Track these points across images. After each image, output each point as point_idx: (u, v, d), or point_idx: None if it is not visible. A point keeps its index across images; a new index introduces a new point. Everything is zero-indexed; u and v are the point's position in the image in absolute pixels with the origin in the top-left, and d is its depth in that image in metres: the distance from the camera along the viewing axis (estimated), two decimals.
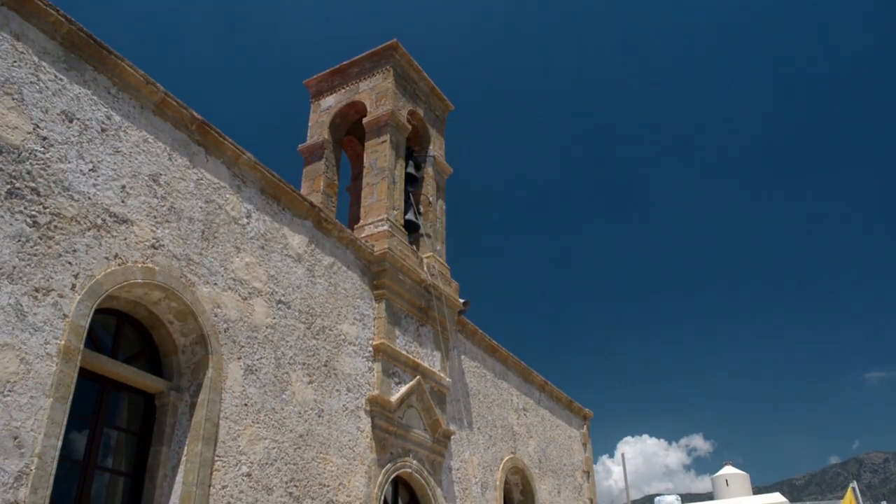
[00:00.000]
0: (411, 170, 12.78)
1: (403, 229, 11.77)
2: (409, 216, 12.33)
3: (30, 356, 5.86)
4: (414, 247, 12.07)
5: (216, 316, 7.82)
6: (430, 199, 12.91)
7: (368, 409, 9.99)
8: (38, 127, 6.37)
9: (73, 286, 6.33)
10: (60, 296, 6.20)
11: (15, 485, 5.53)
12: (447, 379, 11.99)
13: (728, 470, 24.98)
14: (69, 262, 6.35)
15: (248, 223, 8.64)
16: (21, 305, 5.89)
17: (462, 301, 12.82)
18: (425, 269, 11.82)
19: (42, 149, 6.36)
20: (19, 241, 5.98)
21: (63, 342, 6.10)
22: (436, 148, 13.35)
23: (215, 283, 7.93)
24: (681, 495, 26.31)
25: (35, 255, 6.08)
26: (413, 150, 13.21)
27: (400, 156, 12.10)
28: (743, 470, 25.38)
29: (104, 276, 6.60)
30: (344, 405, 9.54)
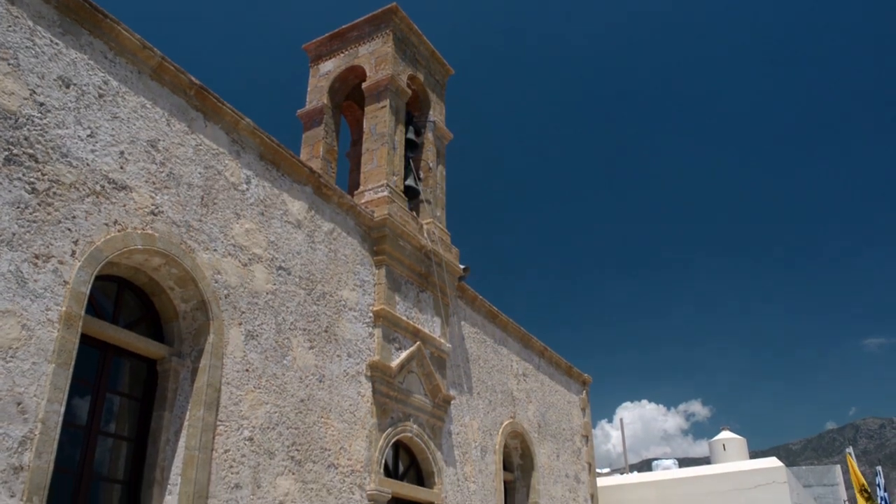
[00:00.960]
0: (411, 135, 12.70)
1: (403, 195, 11.74)
2: (409, 182, 12.29)
3: (31, 322, 5.89)
4: (414, 213, 12.06)
5: (216, 282, 7.84)
6: (431, 164, 12.86)
7: (369, 374, 10.06)
8: (34, 93, 6.32)
9: (73, 253, 6.33)
10: (60, 262, 6.21)
11: (19, 450, 5.59)
12: (447, 344, 12.06)
13: (725, 435, 25.22)
14: (69, 229, 6.34)
15: (247, 189, 8.61)
16: (21, 272, 5.89)
17: (462, 267, 12.84)
18: (425, 235, 11.82)
19: (39, 115, 6.32)
20: (18, 207, 5.97)
21: (64, 308, 6.12)
22: (436, 113, 13.26)
23: (215, 250, 7.93)
24: (678, 459, 26.67)
25: (34, 221, 6.07)
26: (413, 116, 13.12)
27: (400, 121, 12.02)
28: (740, 435, 25.62)
29: (104, 242, 6.60)
30: (345, 370, 9.61)
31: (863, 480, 16.71)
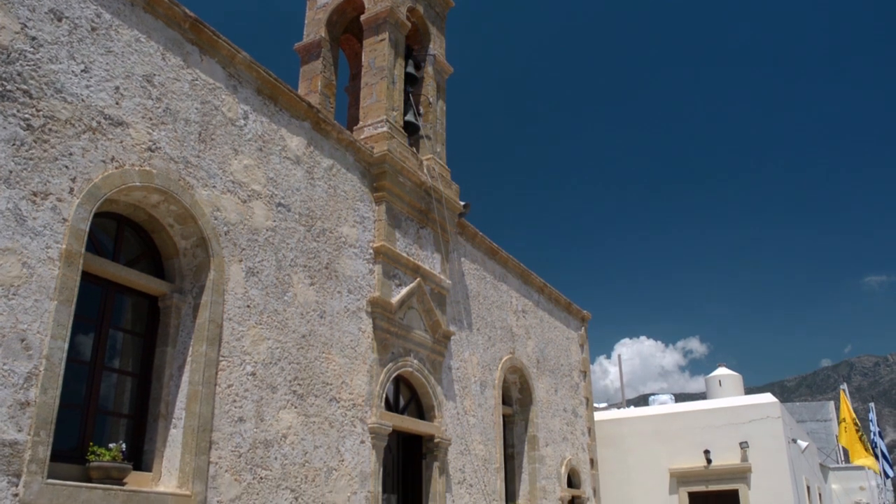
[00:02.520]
0: (411, 69, 12.49)
1: (403, 131, 11.62)
2: (409, 117, 12.14)
3: (32, 260, 5.89)
4: (414, 149, 11.95)
5: (216, 219, 7.82)
6: (430, 99, 12.69)
7: (369, 310, 10.13)
8: (25, 26, 6.18)
9: (71, 190, 6.30)
10: (59, 200, 6.18)
11: (25, 385, 5.67)
12: (447, 281, 12.12)
13: (722, 371, 25.53)
14: (66, 166, 6.29)
15: (245, 125, 8.52)
16: (20, 210, 5.87)
17: (462, 203, 12.80)
18: (425, 171, 11.75)
19: (31, 49, 6.19)
20: (14, 144, 5.90)
21: (64, 246, 6.12)
22: (436, 46, 13.02)
23: (214, 186, 7.89)
24: (675, 395, 27.04)
25: (31, 159, 6.02)
26: (413, 49, 12.88)
27: (399, 55, 11.81)
28: (736, 371, 25.95)
29: (102, 179, 6.56)
30: (345, 306, 9.67)
31: (853, 415, 17.03)
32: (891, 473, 17.21)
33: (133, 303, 7.45)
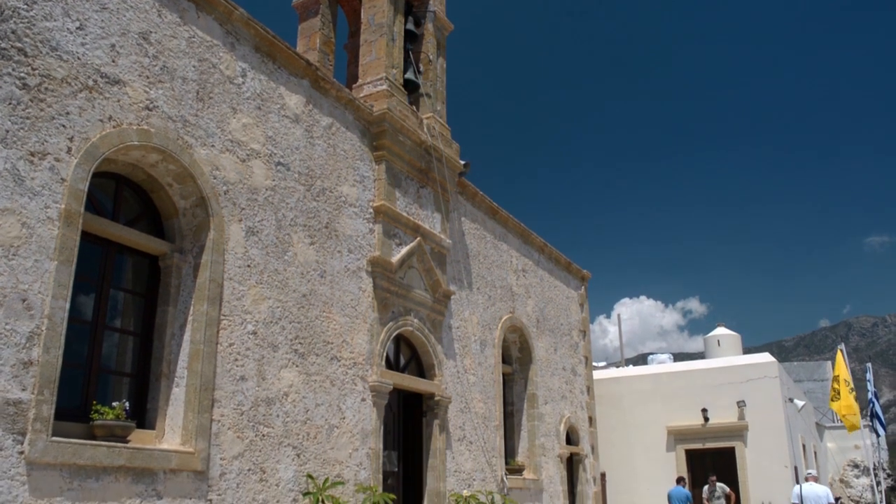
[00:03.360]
0: (411, 26, 12.32)
1: (403, 89, 11.51)
2: (409, 75, 12.01)
3: (31, 220, 5.88)
4: (414, 107, 11.86)
5: (215, 178, 7.79)
6: (430, 57, 12.55)
7: (370, 269, 10.15)
8: None
9: (69, 149, 6.26)
10: (57, 160, 6.15)
11: (27, 345, 5.70)
12: (447, 240, 12.12)
13: (720, 331, 25.66)
14: (63, 126, 6.24)
15: (243, 83, 8.43)
16: (18, 170, 5.84)
17: (462, 163, 12.74)
18: (425, 129, 11.67)
19: (25, 6, 6.10)
20: (10, 104, 5.85)
21: (63, 206, 6.10)
22: (436, 3, 12.82)
23: (212, 145, 7.84)
24: (673, 354, 27.26)
25: (28, 118, 5.97)
26: (412, 6, 12.69)
27: (399, 11, 11.64)
28: (735, 331, 26.09)
29: (99, 138, 6.51)
30: (346, 266, 9.69)
31: (847, 375, 17.15)
32: (881, 432, 17.43)
33: (133, 263, 7.46)
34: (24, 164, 5.89)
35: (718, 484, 17.32)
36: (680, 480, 17.59)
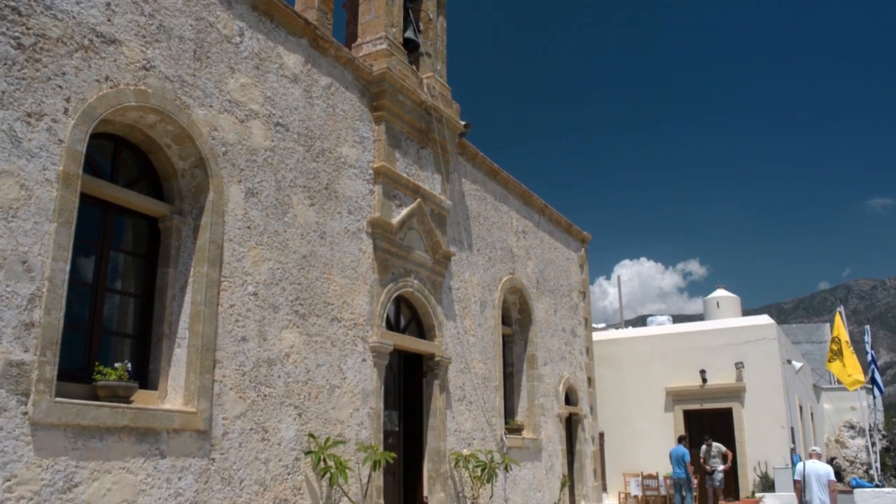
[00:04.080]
0: None
1: (402, 48, 11.38)
2: (409, 34, 11.86)
3: (29, 182, 5.85)
4: (413, 67, 11.73)
5: (214, 139, 7.74)
6: (431, 15, 12.38)
7: (370, 231, 10.14)
8: None
9: (66, 110, 6.20)
10: (54, 121, 6.10)
11: (29, 307, 5.72)
12: (447, 201, 12.09)
13: (720, 293, 25.69)
14: (59, 86, 6.18)
15: (241, 42, 8.33)
16: (15, 131, 5.80)
17: (463, 123, 12.65)
18: (425, 89, 11.56)
19: None
20: (5, 64, 5.77)
21: (61, 168, 6.07)
22: None
23: (211, 106, 7.77)
24: (673, 316, 27.31)
25: (23, 79, 5.90)
26: None
27: None
28: (735, 293, 26.12)
29: (96, 99, 6.45)
30: (346, 227, 9.68)
31: (845, 336, 17.27)
32: (879, 394, 17.61)
33: (133, 224, 7.44)
34: (20, 126, 5.85)
35: (715, 444, 17.55)
36: (682, 440, 17.82)
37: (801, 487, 12.92)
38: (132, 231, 7.46)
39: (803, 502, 12.91)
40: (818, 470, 12.77)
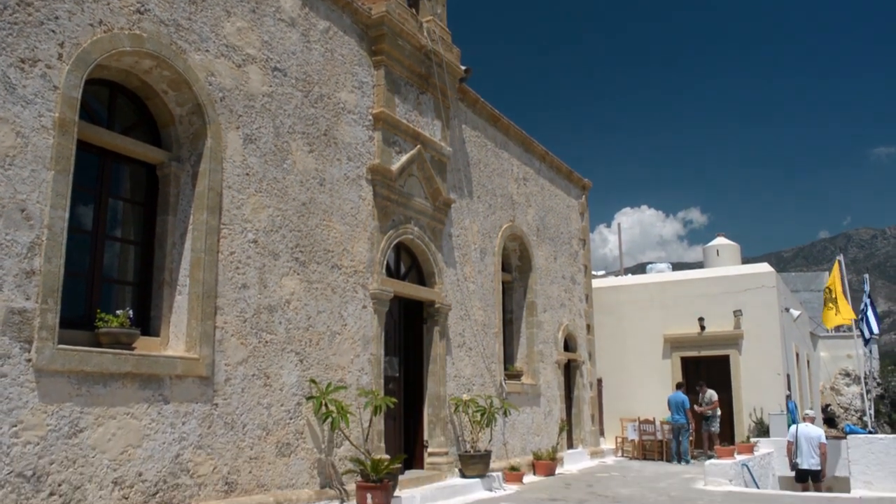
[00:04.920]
0: None
1: None
2: None
3: (25, 129, 5.79)
4: (413, 10, 11.51)
5: (211, 85, 7.64)
6: None
7: (369, 177, 10.09)
8: None
9: (60, 56, 6.10)
10: (48, 66, 6.00)
11: (29, 255, 5.72)
12: (448, 148, 12.00)
13: (720, 241, 25.60)
14: (52, 31, 6.06)
15: None
16: (9, 78, 5.71)
17: (463, 68, 12.48)
18: (425, 34, 11.37)
19: None
20: None
21: (57, 114, 6.00)
22: None
23: (207, 50, 7.65)
24: (672, 264, 27.32)
25: (15, 23, 5.78)
26: None
27: None
28: (735, 242, 26.08)
29: (91, 44, 6.34)
30: (345, 174, 9.62)
31: (839, 287, 17.34)
32: (876, 330, 17.70)
33: (131, 172, 7.40)
34: (14, 72, 5.76)
35: (709, 391, 17.83)
36: (679, 386, 18.02)
37: (792, 449, 13.31)
38: (130, 178, 7.41)
39: (794, 463, 13.31)
40: (809, 433, 13.18)
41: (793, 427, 13.78)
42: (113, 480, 6.18)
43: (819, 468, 13.04)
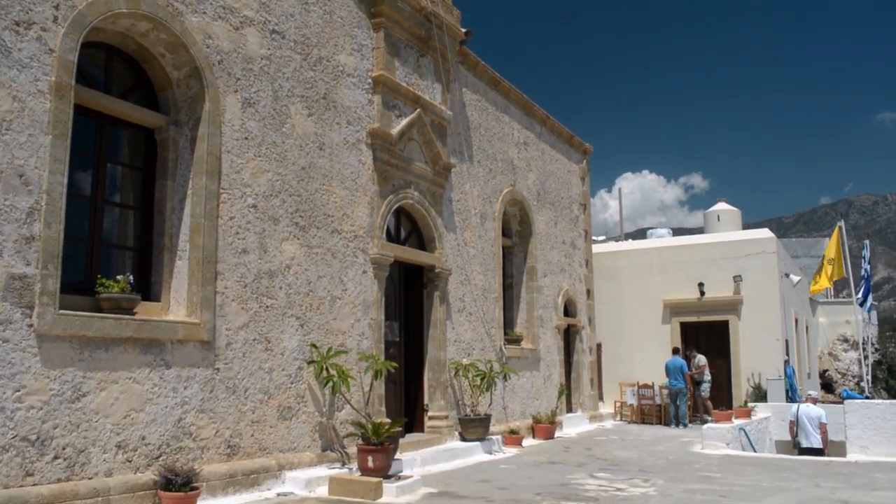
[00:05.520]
0: None
1: None
2: None
3: (21, 94, 5.73)
4: None
5: (208, 47, 7.54)
6: None
7: (369, 141, 10.02)
8: None
9: (55, 18, 6.01)
10: (43, 29, 5.91)
11: (28, 220, 5.70)
12: (448, 112, 11.90)
13: (721, 206, 25.50)
14: None
15: None
16: (4, 41, 5.63)
17: (464, 31, 12.33)
18: None
19: None
20: None
21: (53, 78, 5.93)
22: None
23: (204, 12, 7.54)
24: (673, 229, 27.25)
25: None
26: None
27: None
28: (736, 207, 25.98)
29: (86, 6, 6.24)
30: (345, 138, 9.56)
31: (831, 254, 17.39)
32: (870, 302, 17.81)
33: (129, 136, 7.34)
34: (9, 35, 5.68)
35: (698, 355, 18.00)
36: (676, 351, 18.12)
37: (794, 429, 13.51)
38: (129, 143, 7.36)
39: (796, 442, 13.52)
40: (810, 413, 13.40)
41: (794, 407, 13.95)
42: (117, 444, 6.24)
43: (821, 446, 13.25)
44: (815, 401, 13.79)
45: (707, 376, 17.82)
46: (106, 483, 6.03)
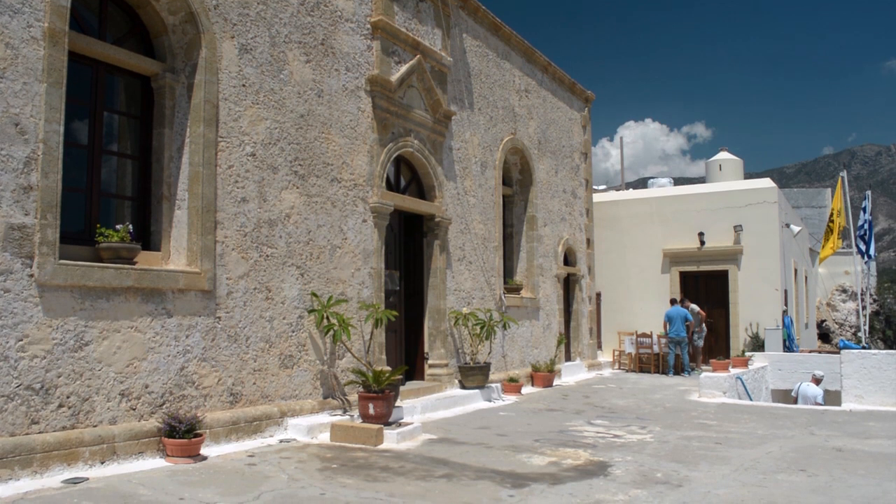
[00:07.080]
0: None
1: None
2: None
3: (14, 41, 5.62)
4: None
5: None
6: None
7: (368, 88, 9.89)
8: None
9: None
10: None
11: (25, 170, 5.65)
12: (448, 58, 11.72)
13: (722, 155, 25.29)
14: None
15: None
16: None
17: None
18: None
19: None
20: None
21: (46, 24, 5.81)
22: None
23: None
24: (674, 179, 27.06)
25: None
26: None
27: None
28: (738, 156, 25.78)
29: None
30: (343, 85, 9.43)
31: (838, 205, 17.34)
32: (872, 255, 17.82)
33: (125, 84, 7.23)
34: None
35: (692, 304, 18.10)
36: (674, 302, 18.19)
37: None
38: (125, 91, 7.26)
39: None
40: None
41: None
42: (120, 392, 6.30)
43: None
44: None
45: (703, 326, 18.00)
46: (110, 430, 6.11)
